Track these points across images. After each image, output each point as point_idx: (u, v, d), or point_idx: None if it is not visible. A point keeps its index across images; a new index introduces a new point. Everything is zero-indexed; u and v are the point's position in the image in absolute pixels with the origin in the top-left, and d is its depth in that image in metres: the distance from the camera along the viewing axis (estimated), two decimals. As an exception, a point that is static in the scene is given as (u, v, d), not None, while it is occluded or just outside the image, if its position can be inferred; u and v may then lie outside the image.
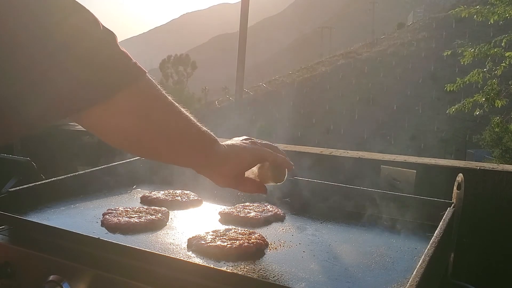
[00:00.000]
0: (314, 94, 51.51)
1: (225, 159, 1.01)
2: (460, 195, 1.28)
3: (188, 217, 1.36)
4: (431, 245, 0.98)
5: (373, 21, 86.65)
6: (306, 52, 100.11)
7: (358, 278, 0.97)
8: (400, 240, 1.19)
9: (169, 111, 0.87)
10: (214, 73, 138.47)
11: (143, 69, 0.81)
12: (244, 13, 3.21)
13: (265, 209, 1.36)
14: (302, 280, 0.95)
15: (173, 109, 0.87)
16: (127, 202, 1.47)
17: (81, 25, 0.71)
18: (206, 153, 0.98)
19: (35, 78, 0.66)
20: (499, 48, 9.75)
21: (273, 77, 55.20)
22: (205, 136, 0.95)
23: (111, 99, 0.76)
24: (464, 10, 10.11)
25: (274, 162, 1.11)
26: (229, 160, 1.02)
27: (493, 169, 1.58)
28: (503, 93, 10.13)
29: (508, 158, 18.71)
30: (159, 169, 1.74)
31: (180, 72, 52.09)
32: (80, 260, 1.00)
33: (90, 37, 0.72)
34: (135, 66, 0.79)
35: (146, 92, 0.82)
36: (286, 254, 1.09)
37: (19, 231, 1.15)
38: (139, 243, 1.11)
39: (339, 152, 1.88)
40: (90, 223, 1.25)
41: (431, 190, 1.46)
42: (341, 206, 1.39)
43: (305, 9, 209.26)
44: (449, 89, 10.51)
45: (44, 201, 1.36)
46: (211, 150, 0.98)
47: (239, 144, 1.06)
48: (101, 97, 0.75)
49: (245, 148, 1.06)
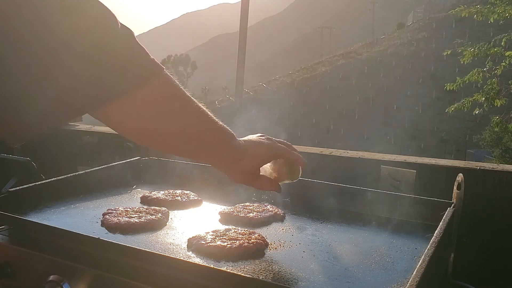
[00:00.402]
0: (314, 94, 51.52)
1: (242, 153, 1.02)
2: (460, 195, 1.28)
3: (188, 217, 1.36)
4: (431, 245, 0.98)
5: (373, 21, 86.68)
6: (306, 52, 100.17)
7: (358, 278, 0.97)
8: (400, 240, 1.19)
9: (187, 106, 0.88)
10: (214, 73, 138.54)
11: (160, 65, 0.81)
12: (244, 13, 3.21)
13: (265, 209, 1.36)
14: (302, 280, 0.95)
15: (191, 104, 0.88)
16: (127, 202, 1.47)
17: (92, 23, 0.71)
18: (224, 148, 0.99)
19: (37, 76, 0.66)
20: (499, 48, 9.74)
21: (273, 77, 55.21)
22: (222, 131, 0.97)
23: (129, 95, 0.76)
24: (464, 9, 10.11)
25: (289, 159, 1.12)
26: (246, 155, 1.03)
27: (493, 169, 1.58)
28: (502, 92, 10.12)
29: (508, 158, 18.72)
30: (159, 169, 1.74)
31: (180, 72, 52.15)
32: (80, 260, 1.00)
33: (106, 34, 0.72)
34: (153, 62, 0.80)
35: (165, 88, 0.83)
36: (286, 254, 1.09)
37: (19, 231, 1.15)
38: (139, 243, 1.11)
39: (339, 152, 1.88)
40: (90, 223, 1.25)
41: (431, 190, 1.46)
42: (341, 206, 1.39)
43: (305, 9, 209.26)
44: (449, 89, 10.50)
45: (44, 201, 1.36)
46: (228, 145, 0.99)
47: (255, 140, 1.07)
48: (119, 93, 0.75)
49: (262, 143, 1.07)
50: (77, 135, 2.54)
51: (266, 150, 1.07)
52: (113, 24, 0.73)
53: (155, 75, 0.80)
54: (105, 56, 0.72)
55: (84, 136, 2.51)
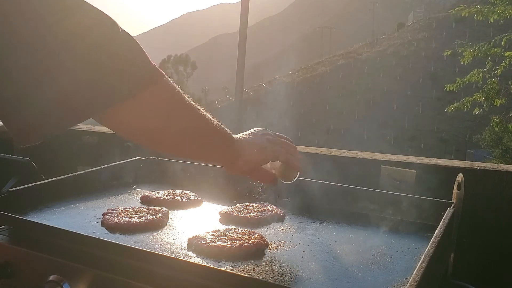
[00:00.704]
0: (314, 94, 51.49)
1: (238, 156, 1.05)
2: (460, 195, 1.28)
3: (188, 217, 1.36)
4: (431, 245, 0.98)
5: (373, 21, 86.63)
6: (306, 52, 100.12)
7: (358, 278, 0.97)
8: (400, 240, 1.19)
9: (187, 110, 0.90)
10: (214, 73, 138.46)
11: (161, 71, 0.82)
12: (244, 13, 3.21)
13: (265, 209, 1.36)
14: (302, 280, 0.95)
15: (191, 108, 0.90)
16: (127, 202, 1.47)
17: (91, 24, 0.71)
18: (223, 150, 1.03)
19: (37, 76, 0.66)
20: (499, 48, 9.73)
21: (273, 77, 55.17)
22: (221, 133, 0.99)
23: (131, 99, 0.77)
24: (464, 9, 10.11)
25: (284, 162, 1.12)
26: (241, 158, 1.06)
27: (493, 169, 1.58)
28: (502, 92, 10.12)
29: (508, 158, 18.70)
30: (159, 169, 1.74)
31: (180, 72, 52.12)
32: (80, 260, 1.00)
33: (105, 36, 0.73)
34: (154, 67, 0.81)
35: (165, 93, 0.84)
36: (286, 254, 1.09)
37: (19, 231, 1.15)
38: (139, 243, 1.11)
39: (339, 152, 1.88)
40: (90, 223, 1.25)
41: (431, 190, 1.46)
42: (341, 206, 1.39)
43: (305, 9, 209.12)
44: (449, 89, 10.50)
45: (44, 201, 1.36)
46: (227, 147, 1.02)
47: (250, 140, 1.09)
48: (121, 97, 0.76)
49: (255, 145, 1.08)
50: (77, 135, 2.54)
51: (258, 155, 1.09)
52: (113, 27, 0.74)
53: (155, 80, 0.81)
54: (105, 58, 0.72)
55: (84, 136, 2.51)
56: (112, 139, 2.35)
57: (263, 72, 75.47)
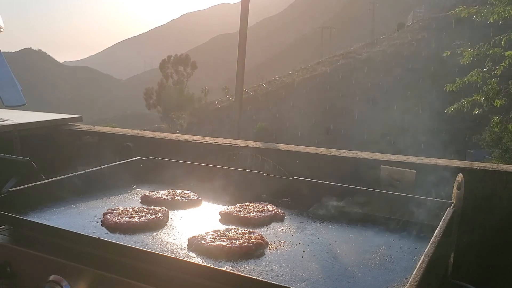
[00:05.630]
0: (314, 94, 51.37)
1: None
2: (460, 195, 1.28)
3: (188, 217, 1.36)
4: (431, 245, 0.98)
5: (373, 21, 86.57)
6: (306, 52, 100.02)
7: (358, 278, 0.97)
8: (400, 240, 1.19)
9: None
10: (214, 73, 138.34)
11: None
12: (244, 13, 3.21)
13: (265, 209, 1.36)
14: (302, 280, 0.95)
15: None
16: (127, 202, 1.47)
17: None
18: None
19: None
20: (499, 48, 9.73)
21: (273, 77, 55.12)
22: None
23: None
24: (464, 10, 10.11)
25: None
26: None
27: (493, 169, 1.58)
28: (502, 92, 10.12)
29: (508, 158, 18.69)
30: (159, 169, 1.74)
31: (180, 72, 52.05)
32: (80, 260, 1.00)
33: None
34: None
35: None
36: (286, 254, 1.09)
37: (19, 231, 1.15)
38: (139, 243, 1.11)
39: (339, 152, 1.88)
40: (90, 223, 1.25)
41: (431, 190, 1.46)
42: (341, 206, 1.39)
43: (305, 9, 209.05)
44: (448, 89, 10.50)
45: (44, 201, 1.36)
46: None
47: None
48: None
49: None
50: (77, 135, 2.54)
51: None
52: None
53: None
54: None
55: (84, 136, 2.51)
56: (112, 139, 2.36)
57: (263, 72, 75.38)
